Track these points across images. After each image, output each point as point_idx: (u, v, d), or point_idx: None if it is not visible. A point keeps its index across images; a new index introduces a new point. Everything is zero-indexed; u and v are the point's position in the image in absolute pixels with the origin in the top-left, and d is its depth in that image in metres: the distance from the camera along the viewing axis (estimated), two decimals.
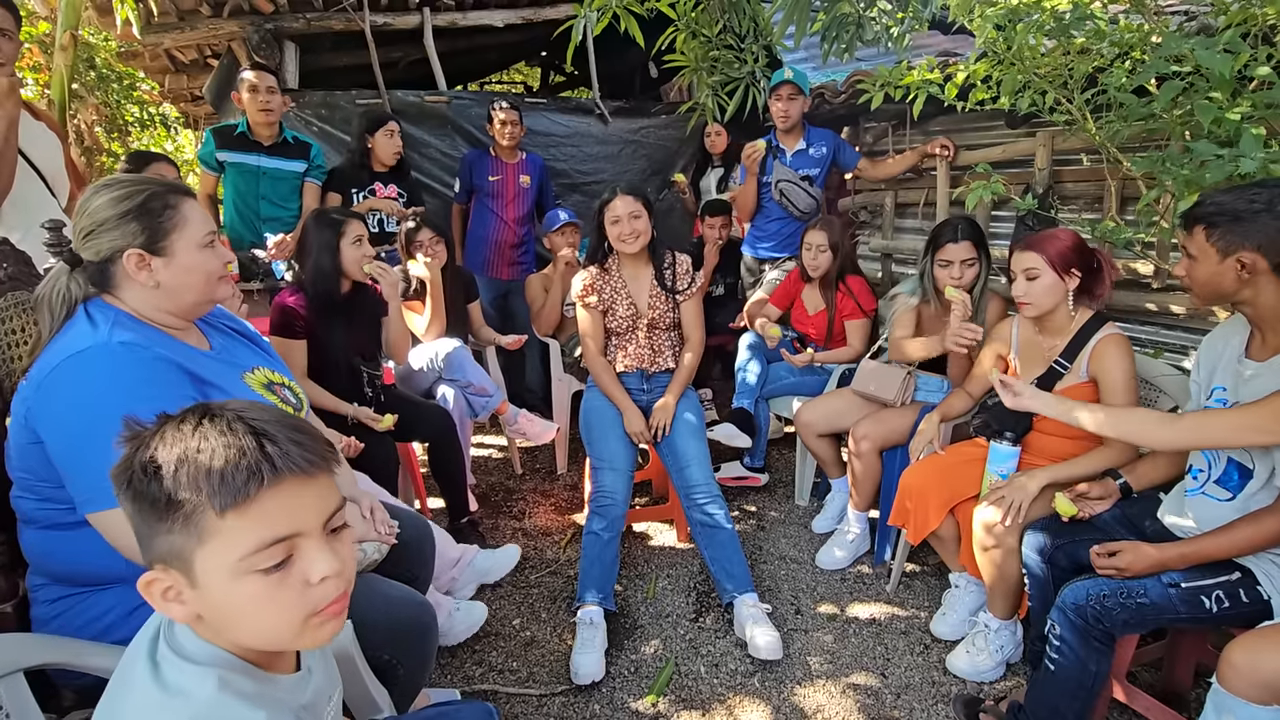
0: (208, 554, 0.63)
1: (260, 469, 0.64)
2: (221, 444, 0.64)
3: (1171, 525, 1.43)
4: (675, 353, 2.27)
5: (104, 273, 1.10)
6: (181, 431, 0.65)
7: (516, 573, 2.27)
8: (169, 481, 0.63)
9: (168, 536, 0.64)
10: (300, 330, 2.10)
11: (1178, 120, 1.84)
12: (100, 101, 4.83)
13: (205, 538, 0.63)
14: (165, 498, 0.63)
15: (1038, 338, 1.83)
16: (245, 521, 0.63)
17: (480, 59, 5.45)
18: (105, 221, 1.08)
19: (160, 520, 0.63)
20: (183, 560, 0.64)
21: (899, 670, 1.80)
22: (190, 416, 0.66)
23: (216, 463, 0.63)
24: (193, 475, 0.62)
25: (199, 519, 0.63)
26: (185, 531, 0.63)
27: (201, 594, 0.65)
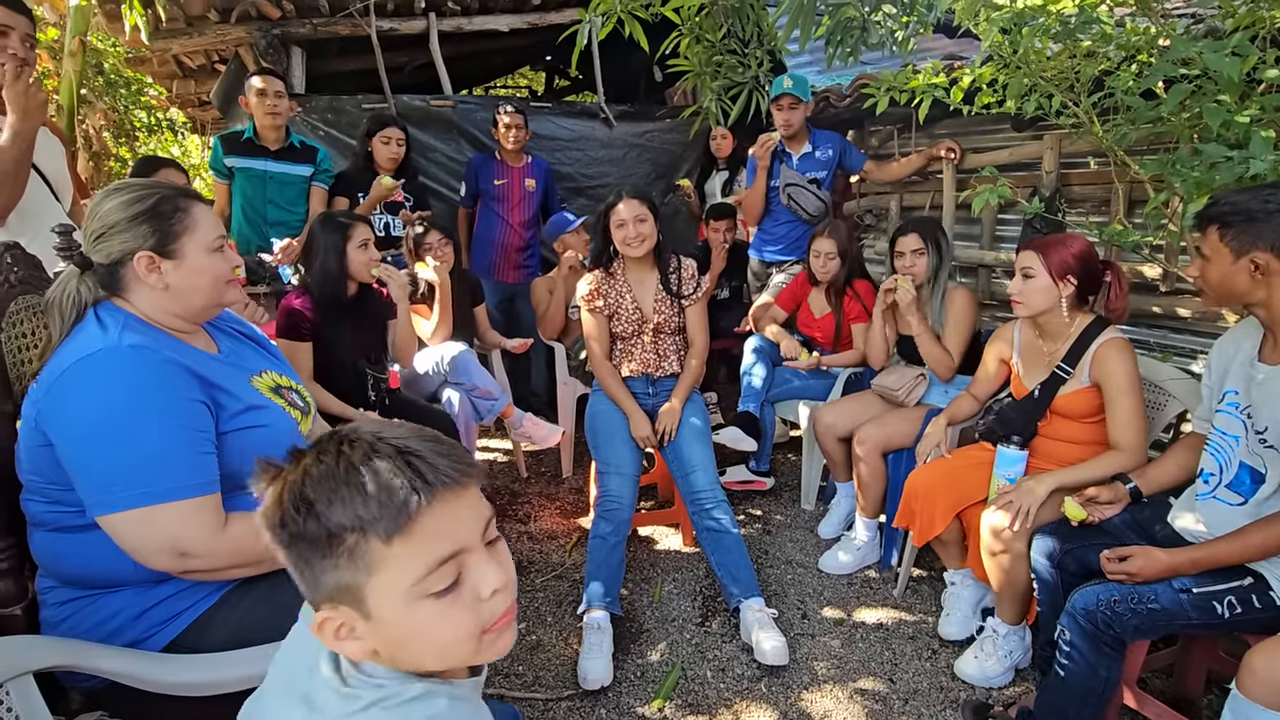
0: (379, 585, 0.60)
1: (416, 488, 0.60)
2: (371, 470, 0.60)
3: (1182, 530, 1.42)
4: (680, 357, 2.27)
5: (114, 275, 1.11)
6: (324, 463, 0.61)
7: (522, 576, 2.27)
8: (326, 517, 0.59)
9: (334, 573, 0.60)
10: (306, 333, 2.11)
11: (1186, 123, 1.83)
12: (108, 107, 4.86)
13: (374, 569, 0.60)
14: (325, 534, 0.59)
15: (1038, 341, 1.83)
16: (411, 546, 0.60)
17: (485, 63, 5.48)
18: (116, 224, 1.09)
19: (324, 558, 0.60)
20: (353, 594, 0.61)
21: (907, 675, 1.79)
22: (329, 446, 0.63)
23: (372, 489, 0.60)
24: (350, 506, 0.59)
25: (364, 550, 0.59)
26: (352, 565, 0.60)
27: (376, 626, 0.62)
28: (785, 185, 3.07)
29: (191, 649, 1.09)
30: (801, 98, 2.97)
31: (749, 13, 3.22)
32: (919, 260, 2.28)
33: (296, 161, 2.93)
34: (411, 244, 2.75)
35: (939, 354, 2.26)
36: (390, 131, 3.09)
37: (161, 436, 1.01)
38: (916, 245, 2.28)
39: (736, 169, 3.90)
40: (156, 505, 1.00)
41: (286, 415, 1.23)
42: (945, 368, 2.26)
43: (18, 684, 0.95)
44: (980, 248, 2.96)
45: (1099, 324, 1.73)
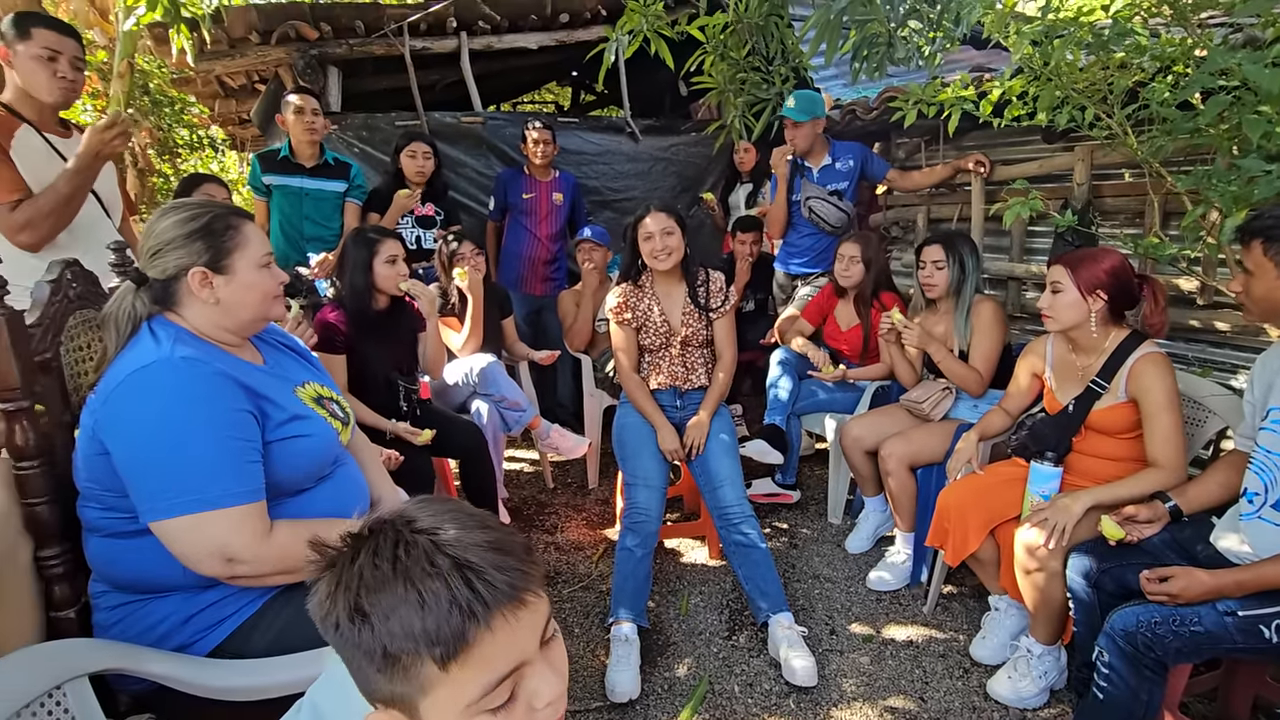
0: (432, 704, 0.58)
1: (476, 613, 0.57)
2: (430, 590, 0.57)
3: (1225, 550, 1.39)
4: (708, 370, 2.28)
5: (168, 290, 1.16)
6: (380, 570, 0.58)
7: (549, 587, 2.29)
8: (382, 635, 0.56)
9: (388, 685, 0.58)
10: (341, 345, 2.16)
11: (1224, 135, 1.80)
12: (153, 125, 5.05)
13: (428, 689, 0.57)
14: (380, 650, 0.56)
15: (1071, 356, 1.81)
16: (468, 670, 0.57)
17: (514, 80, 5.57)
18: (172, 241, 1.14)
19: (378, 670, 0.57)
20: (406, 705, 0.58)
21: (938, 694, 1.77)
22: (383, 546, 0.59)
23: (430, 614, 0.56)
24: (407, 629, 0.56)
25: (419, 671, 0.56)
26: (406, 682, 0.57)
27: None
28: (806, 198, 3.08)
29: (237, 654, 1.12)
30: (797, 120, 2.95)
31: (773, 31, 3.24)
32: (938, 273, 2.27)
33: (331, 178, 3.02)
34: (444, 257, 2.80)
35: (964, 373, 2.24)
36: (415, 146, 3.15)
37: (211, 445, 1.05)
38: (938, 257, 2.27)
39: (760, 181, 3.91)
40: (206, 512, 1.04)
41: (328, 425, 1.26)
42: (974, 384, 2.24)
43: (74, 685, 0.99)
44: (1010, 260, 2.93)
45: (1135, 338, 1.70)
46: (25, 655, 0.99)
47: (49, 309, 1.21)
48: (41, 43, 1.78)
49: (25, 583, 1.14)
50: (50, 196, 1.75)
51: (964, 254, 2.27)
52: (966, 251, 2.28)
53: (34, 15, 1.87)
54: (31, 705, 0.93)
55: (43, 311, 1.20)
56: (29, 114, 1.84)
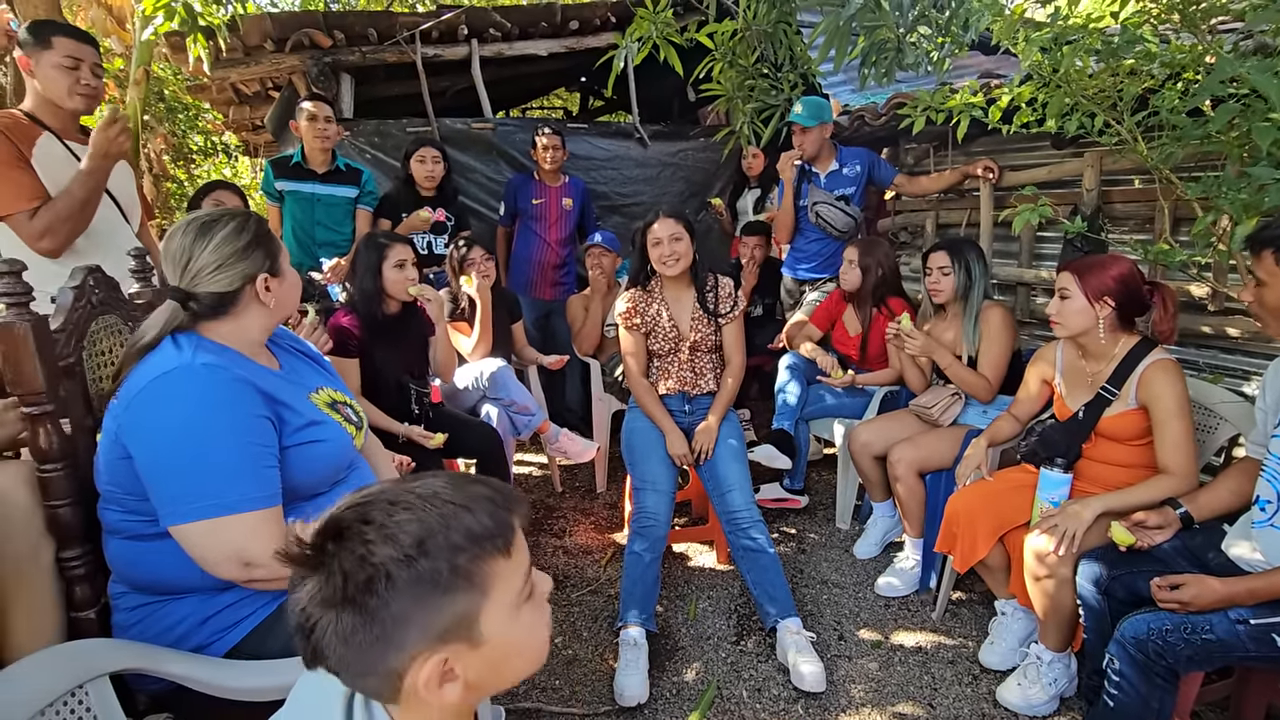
0: (493, 603, 0.64)
1: (509, 506, 0.66)
2: (469, 496, 0.65)
3: (1237, 558, 1.38)
4: (717, 375, 2.29)
5: (228, 302, 1.17)
6: (408, 512, 0.63)
7: (557, 591, 2.30)
8: (445, 553, 0.62)
9: (451, 607, 0.62)
10: (354, 349, 2.18)
11: (1234, 142, 1.80)
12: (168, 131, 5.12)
13: (490, 587, 0.64)
14: (447, 568, 0.62)
15: (1081, 363, 1.80)
16: (515, 556, 0.66)
17: (524, 86, 5.61)
18: (234, 254, 1.16)
19: (444, 593, 0.62)
20: (467, 624, 0.63)
21: (946, 701, 1.77)
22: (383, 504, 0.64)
23: (480, 514, 0.64)
24: (469, 533, 0.63)
25: (484, 572, 0.64)
26: (469, 591, 0.63)
27: (483, 652, 0.65)
28: (813, 203, 3.09)
29: (253, 655, 1.14)
30: (806, 124, 2.98)
31: (782, 38, 3.25)
32: (944, 279, 2.29)
33: (342, 184, 3.05)
34: (455, 262, 2.83)
35: (972, 380, 2.24)
36: (425, 151, 3.19)
37: (231, 451, 1.07)
38: (943, 263, 2.29)
39: (769, 186, 3.92)
40: (225, 517, 1.06)
41: (343, 430, 1.28)
42: (983, 390, 2.24)
43: (96, 685, 1.00)
44: (1019, 265, 2.92)
45: (1145, 345, 1.70)
46: (49, 655, 1.01)
47: (72, 314, 1.24)
48: (64, 51, 1.81)
49: (48, 583, 1.16)
50: (66, 201, 1.78)
51: (970, 259, 2.28)
52: (973, 257, 2.28)
53: (55, 24, 1.91)
54: (55, 704, 0.95)
55: (66, 317, 1.23)
56: (51, 122, 1.87)
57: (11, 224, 1.77)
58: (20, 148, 1.78)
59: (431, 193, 3.25)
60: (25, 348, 1.11)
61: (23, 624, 1.13)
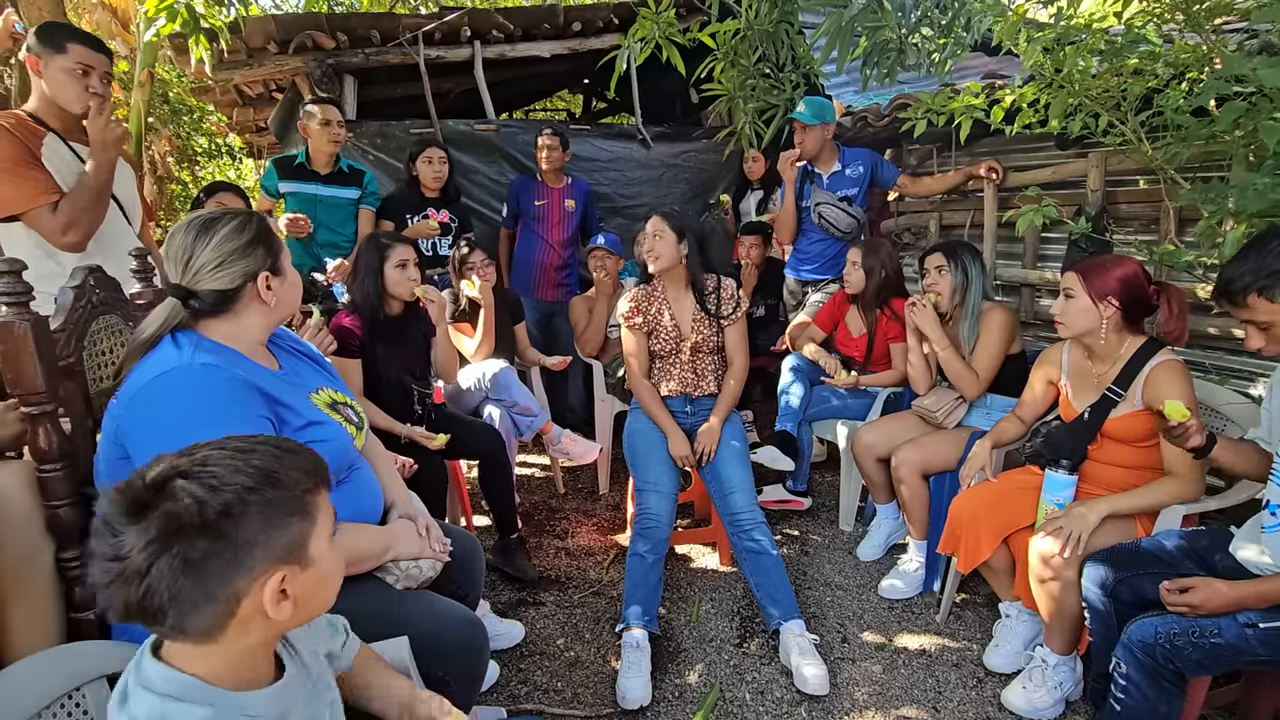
0: (317, 530, 0.76)
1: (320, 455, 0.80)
2: (290, 446, 0.78)
3: (1245, 561, 1.37)
4: (718, 376, 2.28)
5: (229, 299, 1.17)
6: (237, 457, 0.73)
7: (560, 592, 2.29)
8: (290, 485, 0.73)
9: (289, 531, 0.73)
10: (355, 349, 2.18)
11: (1240, 141, 1.79)
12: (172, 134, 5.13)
13: (316, 515, 0.76)
14: (291, 498, 0.73)
15: (1087, 363, 1.79)
16: (327, 495, 0.79)
17: (526, 88, 5.61)
18: (235, 251, 1.16)
19: (285, 518, 0.72)
20: (300, 547, 0.74)
21: (951, 704, 1.75)
22: (222, 448, 0.74)
23: (304, 457, 0.77)
24: (303, 469, 0.75)
25: (314, 501, 0.76)
26: (304, 518, 0.74)
27: (309, 573, 0.75)
28: (816, 204, 3.08)
29: None
30: (807, 122, 2.97)
31: (784, 38, 3.25)
32: (941, 279, 2.30)
33: (345, 185, 3.05)
34: (456, 264, 2.83)
35: (961, 371, 2.24)
36: (431, 152, 3.19)
37: None
38: (939, 263, 2.31)
39: (771, 188, 3.92)
40: None
41: (343, 430, 1.28)
42: (969, 384, 2.25)
43: (93, 687, 1.00)
44: (1023, 266, 2.91)
45: (1151, 346, 1.69)
46: (47, 657, 1.00)
47: (72, 314, 1.24)
48: (76, 57, 1.82)
49: (48, 584, 1.15)
50: (84, 192, 1.80)
51: (965, 260, 2.28)
52: (969, 258, 2.29)
53: (67, 28, 1.92)
54: (52, 706, 0.94)
55: (66, 317, 1.22)
56: (55, 124, 1.87)
57: (32, 220, 1.77)
58: (30, 147, 1.79)
59: (436, 194, 3.25)
60: (25, 347, 1.10)
61: (22, 624, 1.12)
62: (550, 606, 2.21)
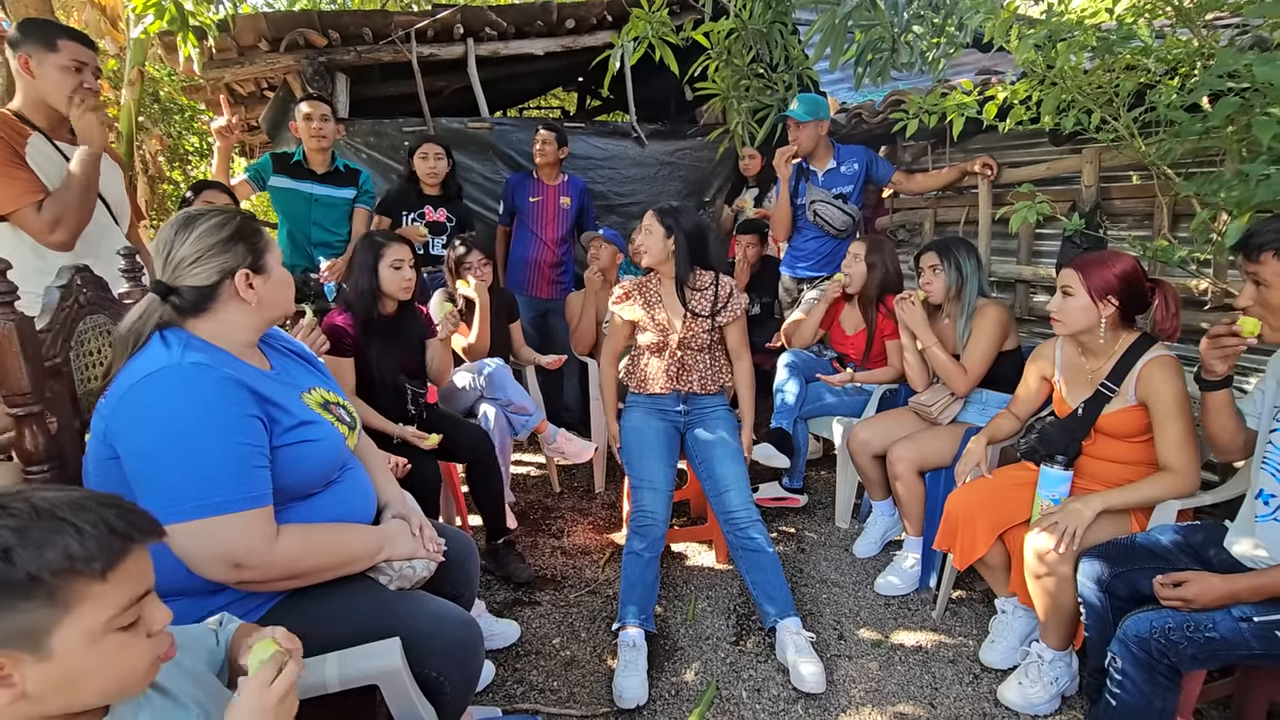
0: (72, 621, 0.66)
1: (131, 535, 0.70)
2: (84, 520, 0.68)
3: (1240, 555, 1.37)
4: (710, 375, 2.24)
5: (205, 297, 1.16)
6: (16, 514, 0.66)
7: (555, 591, 2.28)
8: (29, 563, 0.64)
9: (18, 615, 0.64)
10: (349, 348, 2.17)
11: (1233, 137, 1.79)
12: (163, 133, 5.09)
13: (72, 606, 0.66)
14: (24, 577, 0.64)
15: (1081, 359, 1.79)
16: (117, 584, 0.69)
17: (520, 86, 5.59)
18: (213, 246, 1.15)
19: (14, 599, 0.64)
20: (33, 636, 0.65)
21: (947, 700, 1.75)
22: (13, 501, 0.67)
23: (89, 539, 0.67)
24: (65, 553, 0.66)
25: (70, 588, 0.66)
26: (47, 605, 0.65)
27: (49, 666, 0.66)
28: (811, 202, 3.08)
29: None
30: (801, 119, 2.97)
31: (777, 37, 3.24)
32: (935, 278, 2.31)
33: (340, 185, 3.03)
34: (452, 263, 2.81)
35: (948, 366, 2.25)
36: (427, 148, 3.17)
37: (220, 451, 1.06)
38: (933, 262, 2.31)
39: (767, 186, 3.91)
40: (214, 517, 1.04)
41: (335, 430, 1.27)
42: (958, 380, 2.25)
43: None
44: (1018, 263, 2.91)
45: (1144, 341, 1.69)
46: None
47: (59, 314, 1.22)
48: (70, 55, 1.81)
49: None
50: (69, 190, 1.79)
51: (960, 258, 2.28)
52: (963, 256, 2.28)
53: (57, 26, 1.90)
54: None
55: (53, 317, 1.21)
56: (41, 122, 1.86)
57: (19, 219, 1.76)
58: (15, 147, 1.77)
59: (435, 190, 3.23)
60: (10, 347, 1.09)
61: None
62: (546, 606, 2.21)
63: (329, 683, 1.11)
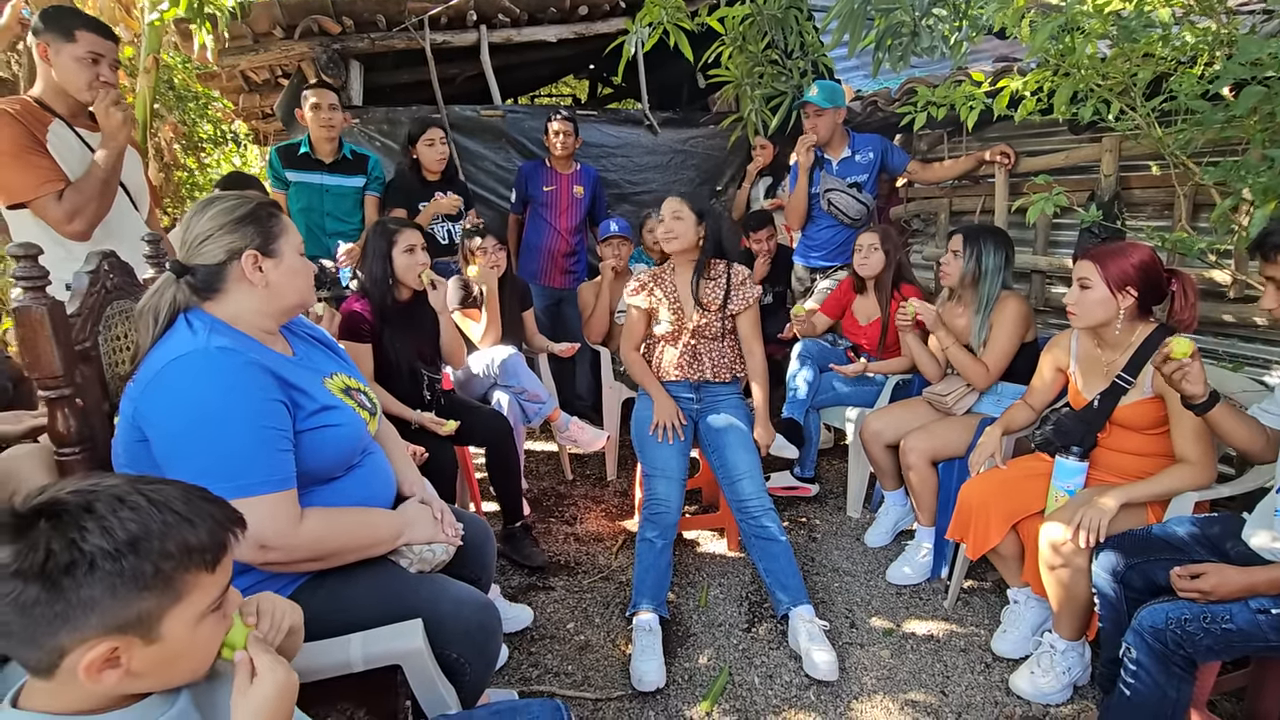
0: (182, 609, 0.70)
1: (229, 527, 0.75)
2: (195, 511, 0.71)
3: (1258, 548, 1.37)
4: (717, 363, 2.24)
5: (216, 276, 1.17)
6: (133, 511, 0.68)
7: (569, 577, 2.31)
8: (154, 555, 0.67)
9: (139, 604, 0.67)
10: (367, 334, 2.18)
11: (1257, 126, 1.76)
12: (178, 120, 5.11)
13: (184, 594, 0.70)
14: (151, 570, 0.67)
15: (1096, 351, 1.78)
16: (219, 573, 0.73)
17: (532, 73, 5.58)
18: (223, 226, 1.17)
19: (138, 591, 0.66)
20: (149, 621, 0.68)
21: (959, 689, 1.76)
22: (129, 493, 0.69)
23: (200, 529, 0.71)
24: (181, 544, 0.69)
25: (184, 579, 0.70)
26: (164, 594, 0.68)
27: (155, 648, 0.69)
28: (825, 190, 3.06)
29: None
30: (821, 106, 2.93)
31: (792, 24, 3.22)
32: (953, 262, 2.28)
33: (350, 173, 3.03)
34: (466, 250, 2.81)
35: (969, 364, 2.22)
36: (432, 133, 3.13)
37: (247, 434, 1.08)
38: (956, 246, 2.28)
39: (780, 175, 3.89)
40: (241, 499, 1.06)
41: (357, 415, 1.28)
42: (978, 377, 2.22)
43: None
44: (1034, 253, 2.89)
45: (1162, 332, 1.67)
46: None
47: (88, 299, 1.24)
48: (87, 46, 1.81)
49: None
50: (89, 181, 1.81)
51: (984, 248, 2.22)
52: (990, 247, 2.22)
53: (77, 14, 1.90)
54: None
55: (82, 301, 1.23)
56: (61, 109, 1.87)
57: (38, 208, 1.78)
58: (36, 134, 1.78)
59: (438, 176, 3.22)
60: (42, 331, 1.11)
61: None
62: (560, 591, 2.23)
63: (353, 662, 1.13)
